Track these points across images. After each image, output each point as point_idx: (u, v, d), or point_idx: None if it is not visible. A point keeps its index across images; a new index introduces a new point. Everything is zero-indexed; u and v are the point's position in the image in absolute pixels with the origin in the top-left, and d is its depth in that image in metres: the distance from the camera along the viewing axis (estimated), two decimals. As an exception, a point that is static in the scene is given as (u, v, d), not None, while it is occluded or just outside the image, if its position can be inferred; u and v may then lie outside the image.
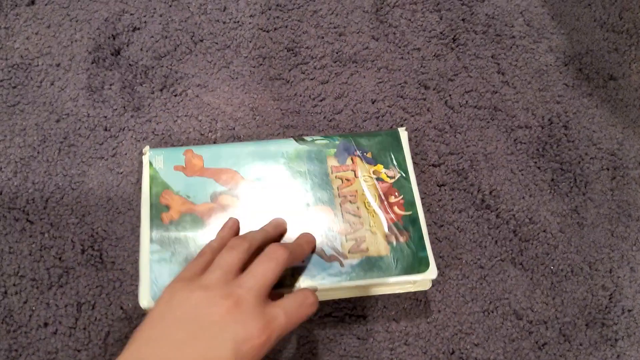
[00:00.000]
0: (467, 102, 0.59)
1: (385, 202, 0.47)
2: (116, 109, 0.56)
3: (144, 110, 0.56)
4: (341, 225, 0.46)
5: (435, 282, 0.52)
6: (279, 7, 0.61)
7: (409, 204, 0.47)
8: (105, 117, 0.55)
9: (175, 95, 0.57)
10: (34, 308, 0.48)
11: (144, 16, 0.60)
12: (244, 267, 0.37)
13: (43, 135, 0.54)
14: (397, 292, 0.48)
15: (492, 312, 0.51)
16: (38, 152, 0.53)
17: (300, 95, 0.58)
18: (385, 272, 0.44)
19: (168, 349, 0.31)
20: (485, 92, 0.60)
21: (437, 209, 0.54)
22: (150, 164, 0.47)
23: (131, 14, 0.59)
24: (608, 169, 0.58)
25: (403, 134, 0.51)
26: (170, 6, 0.60)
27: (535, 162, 0.57)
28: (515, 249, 0.54)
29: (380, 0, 0.63)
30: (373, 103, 0.58)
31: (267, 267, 0.36)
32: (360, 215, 0.46)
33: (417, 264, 0.45)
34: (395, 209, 0.47)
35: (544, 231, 0.55)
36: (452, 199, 0.55)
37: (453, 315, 0.51)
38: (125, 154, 0.54)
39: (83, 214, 0.51)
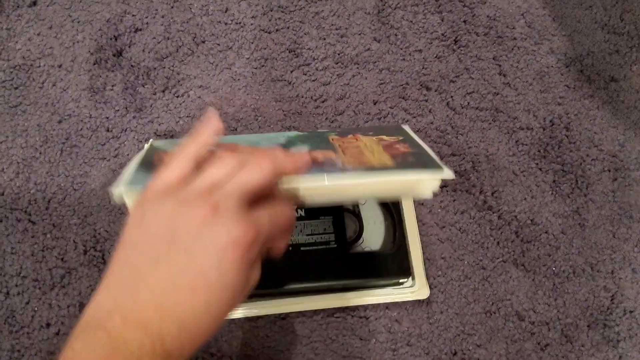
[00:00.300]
0: (468, 103, 0.59)
1: (390, 147, 0.42)
2: (118, 110, 0.56)
3: (146, 111, 0.56)
4: (342, 157, 0.41)
5: (437, 283, 0.52)
6: (281, 9, 0.61)
7: (415, 146, 0.43)
8: (107, 118, 0.55)
9: (177, 97, 0.57)
10: (36, 309, 0.48)
11: (146, 17, 0.60)
12: None
13: (45, 136, 0.54)
14: (393, 298, 0.49)
15: (495, 313, 0.51)
16: (40, 153, 0.53)
17: (302, 97, 0.58)
18: (390, 170, 0.38)
19: (144, 269, 0.29)
20: (486, 94, 0.60)
21: (439, 210, 0.55)
22: (152, 144, 0.45)
23: (133, 15, 0.60)
24: (609, 171, 0.58)
25: (406, 126, 0.50)
26: (172, 7, 0.60)
27: (537, 164, 0.57)
28: (517, 250, 0.54)
29: (381, 2, 0.63)
30: (375, 104, 0.58)
31: (249, 175, 0.32)
32: (364, 153, 0.42)
33: (430, 165, 0.39)
34: (400, 149, 0.42)
35: (546, 232, 0.55)
36: (454, 200, 0.55)
37: (455, 316, 0.51)
38: (128, 154, 0.54)
39: (85, 215, 0.51)
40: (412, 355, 0.49)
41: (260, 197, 0.33)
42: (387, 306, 0.50)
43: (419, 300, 0.51)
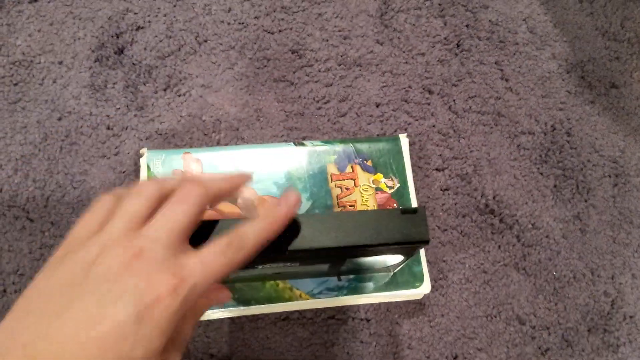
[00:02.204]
0: (470, 107, 0.59)
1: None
2: (119, 108, 0.55)
3: (147, 110, 0.55)
4: None
5: (438, 286, 0.52)
6: (284, 10, 0.61)
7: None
8: (108, 115, 0.55)
9: (179, 95, 0.56)
10: (33, 308, 0.47)
11: (148, 15, 0.59)
12: None
13: (44, 133, 0.53)
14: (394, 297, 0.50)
15: (495, 316, 0.51)
16: (39, 150, 0.53)
17: (305, 98, 0.58)
18: (380, 288, 0.48)
19: (48, 318, 0.24)
20: (488, 98, 0.60)
21: (441, 213, 0.54)
22: (148, 167, 0.47)
23: (135, 13, 0.59)
24: (610, 176, 0.58)
25: (404, 140, 0.52)
26: (174, 6, 0.60)
27: (538, 168, 0.57)
28: (518, 254, 0.54)
29: (385, 5, 0.63)
30: (377, 107, 0.58)
31: (177, 210, 0.28)
32: None
33: (412, 279, 0.48)
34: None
35: (547, 237, 0.55)
36: (455, 204, 0.55)
37: (456, 319, 0.51)
38: (128, 153, 0.53)
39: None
40: (412, 358, 0.49)
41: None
42: (388, 308, 0.50)
43: (420, 303, 0.51)
